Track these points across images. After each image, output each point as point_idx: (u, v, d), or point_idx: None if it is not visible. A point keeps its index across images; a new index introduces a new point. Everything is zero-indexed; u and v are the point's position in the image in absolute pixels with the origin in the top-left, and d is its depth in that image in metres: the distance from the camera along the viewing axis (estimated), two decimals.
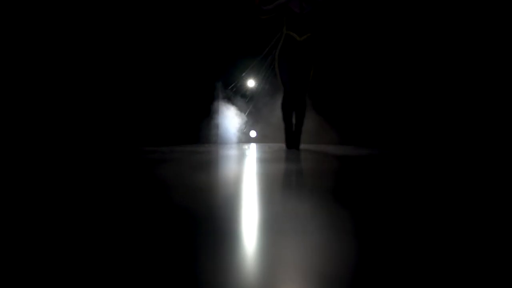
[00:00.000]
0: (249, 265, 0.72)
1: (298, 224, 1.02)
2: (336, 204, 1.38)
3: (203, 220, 1.07)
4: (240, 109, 8.47)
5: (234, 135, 8.55)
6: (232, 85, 8.43)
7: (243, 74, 8.07)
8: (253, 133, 8.46)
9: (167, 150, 4.60)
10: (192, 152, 4.27)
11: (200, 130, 8.29)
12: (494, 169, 2.69)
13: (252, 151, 4.76)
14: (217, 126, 8.46)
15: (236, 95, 8.47)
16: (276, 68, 4.38)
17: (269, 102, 7.59)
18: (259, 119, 8.16)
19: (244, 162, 3.18)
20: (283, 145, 4.91)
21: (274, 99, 7.18)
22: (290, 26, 4.20)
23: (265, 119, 7.91)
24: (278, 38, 4.36)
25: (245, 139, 8.51)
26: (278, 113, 5.03)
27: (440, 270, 0.70)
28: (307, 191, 1.67)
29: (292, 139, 4.54)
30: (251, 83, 8.08)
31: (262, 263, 0.73)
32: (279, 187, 1.86)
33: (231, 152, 4.67)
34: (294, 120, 4.50)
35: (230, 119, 8.54)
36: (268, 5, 4.29)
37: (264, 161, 3.13)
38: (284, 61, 4.27)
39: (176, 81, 8.00)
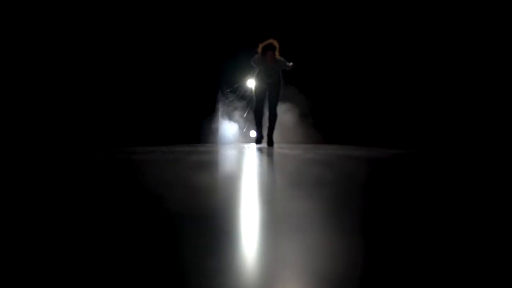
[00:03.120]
0: (248, 265, 0.71)
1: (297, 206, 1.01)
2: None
3: (202, 220, 1.05)
4: (240, 110, 8.48)
5: (234, 135, 8.55)
6: (233, 88, 8.44)
7: (237, 85, 8.23)
8: (252, 133, 8.47)
9: (167, 150, 4.59)
10: (192, 152, 4.27)
11: (201, 131, 8.29)
12: (496, 169, 2.67)
13: (252, 151, 4.77)
14: (217, 127, 8.46)
15: (237, 96, 8.48)
16: (253, 91, 6.72)
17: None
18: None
19: (249, 159, 3.17)
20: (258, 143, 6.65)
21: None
22: (262, 71, 6.51)
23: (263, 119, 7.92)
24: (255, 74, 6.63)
25: (244, 139, 8.51)
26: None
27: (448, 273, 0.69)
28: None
29: (261, 139, 6.57)
30: (251, 83, 8.09)
31: (260, 263, 0.72)
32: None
33: (231, 151, 4.67)
34: (268, 125, 6.55)
35: (230, 119, 8.55)
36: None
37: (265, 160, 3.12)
38: (258, 88, 6.54)
39: (178, 83, 8.00)
